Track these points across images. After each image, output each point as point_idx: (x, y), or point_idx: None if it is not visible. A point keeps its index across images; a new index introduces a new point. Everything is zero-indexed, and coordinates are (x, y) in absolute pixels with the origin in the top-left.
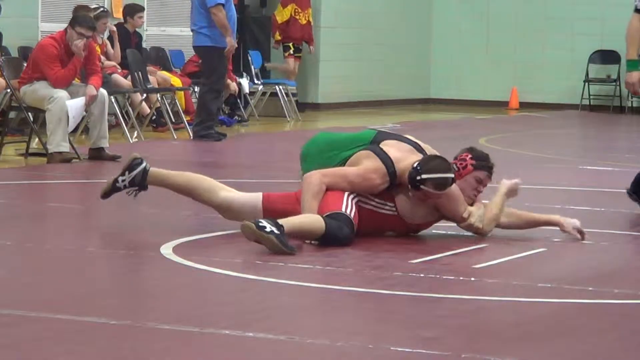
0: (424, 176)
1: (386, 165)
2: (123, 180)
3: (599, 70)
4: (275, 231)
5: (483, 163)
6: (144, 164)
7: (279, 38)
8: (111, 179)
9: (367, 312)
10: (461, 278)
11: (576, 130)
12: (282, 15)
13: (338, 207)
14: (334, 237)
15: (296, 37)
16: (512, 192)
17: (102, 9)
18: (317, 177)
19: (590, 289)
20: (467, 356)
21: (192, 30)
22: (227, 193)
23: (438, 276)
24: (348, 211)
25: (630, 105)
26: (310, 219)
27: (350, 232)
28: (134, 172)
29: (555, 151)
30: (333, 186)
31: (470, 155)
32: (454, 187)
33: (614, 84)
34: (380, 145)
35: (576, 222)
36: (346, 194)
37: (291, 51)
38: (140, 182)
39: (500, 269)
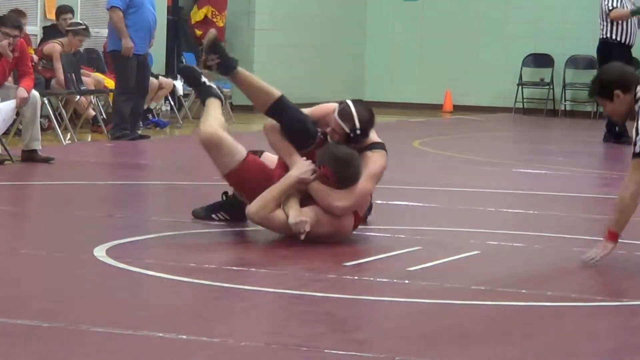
0: None
1: None
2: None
3: (532, 73)
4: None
5: None
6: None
7: (200, 33)
8: None
9: (301, 315)
10: (395, 280)
11: (510, 134)
12: (196, 16)
13: None
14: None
15: None
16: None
17: (82, 25)
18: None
19: (523, 291)
20: (401, 359)
21: None
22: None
23: (372, 279)
24: None
25: (563, 108)
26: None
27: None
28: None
29: (488, 154)
30: None
31: None
32: None
33: (547, 87)
34: None
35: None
36: None
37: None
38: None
39: (434, 272)
